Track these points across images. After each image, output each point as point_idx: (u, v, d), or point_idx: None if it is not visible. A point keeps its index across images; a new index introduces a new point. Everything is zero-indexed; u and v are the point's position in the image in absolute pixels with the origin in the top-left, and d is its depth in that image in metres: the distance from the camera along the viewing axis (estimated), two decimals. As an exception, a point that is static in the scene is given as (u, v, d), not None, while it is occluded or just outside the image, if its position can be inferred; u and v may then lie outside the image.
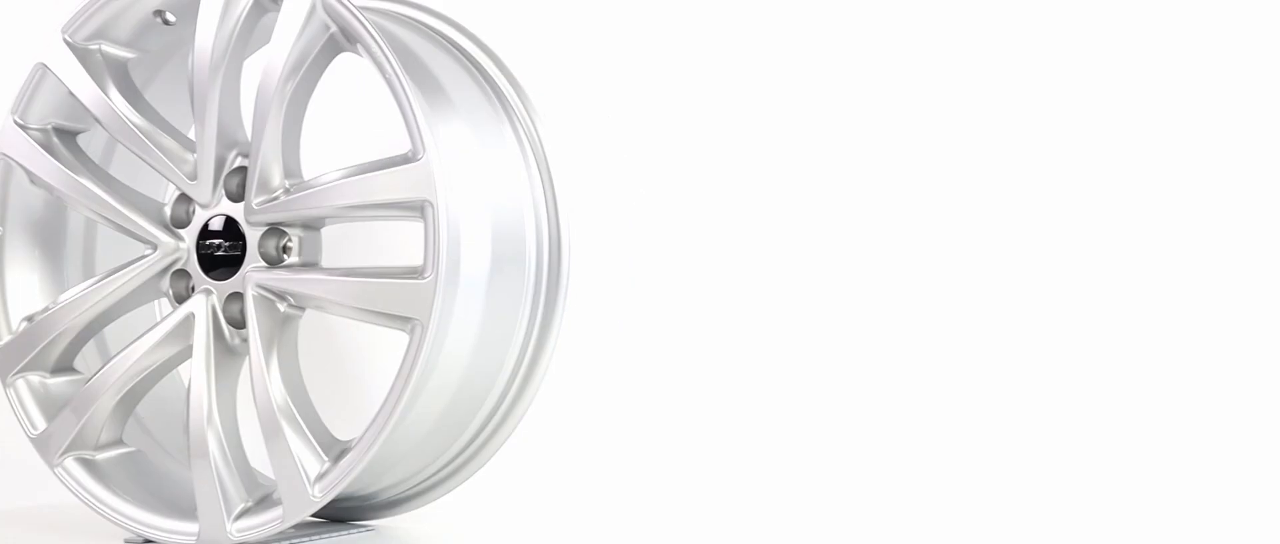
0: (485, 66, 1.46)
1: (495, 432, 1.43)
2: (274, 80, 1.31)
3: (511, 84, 1.45)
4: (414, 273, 1.26)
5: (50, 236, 1.52)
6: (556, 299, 1.41)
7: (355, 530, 1.44)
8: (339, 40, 1.32)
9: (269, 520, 1.32)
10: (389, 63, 1.26)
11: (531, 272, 1.39)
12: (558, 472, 1.71)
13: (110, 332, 1.52)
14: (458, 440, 1.43)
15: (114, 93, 1.42)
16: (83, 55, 1.42)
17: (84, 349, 1.49)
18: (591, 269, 1.50)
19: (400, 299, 1.26)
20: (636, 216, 1.73)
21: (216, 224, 1.38)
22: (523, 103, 1.44)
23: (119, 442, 1.46)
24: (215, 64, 1.35)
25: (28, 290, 1.51)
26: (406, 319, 1.26)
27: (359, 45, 1.31)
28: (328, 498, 1.29)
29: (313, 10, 1.30)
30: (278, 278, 1.34)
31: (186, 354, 1.40)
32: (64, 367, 1.48)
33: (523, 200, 1.40)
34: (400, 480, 1.44)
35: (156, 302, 1.53)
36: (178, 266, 1.41)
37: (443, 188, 1.24)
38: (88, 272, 1.55)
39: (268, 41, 1.46)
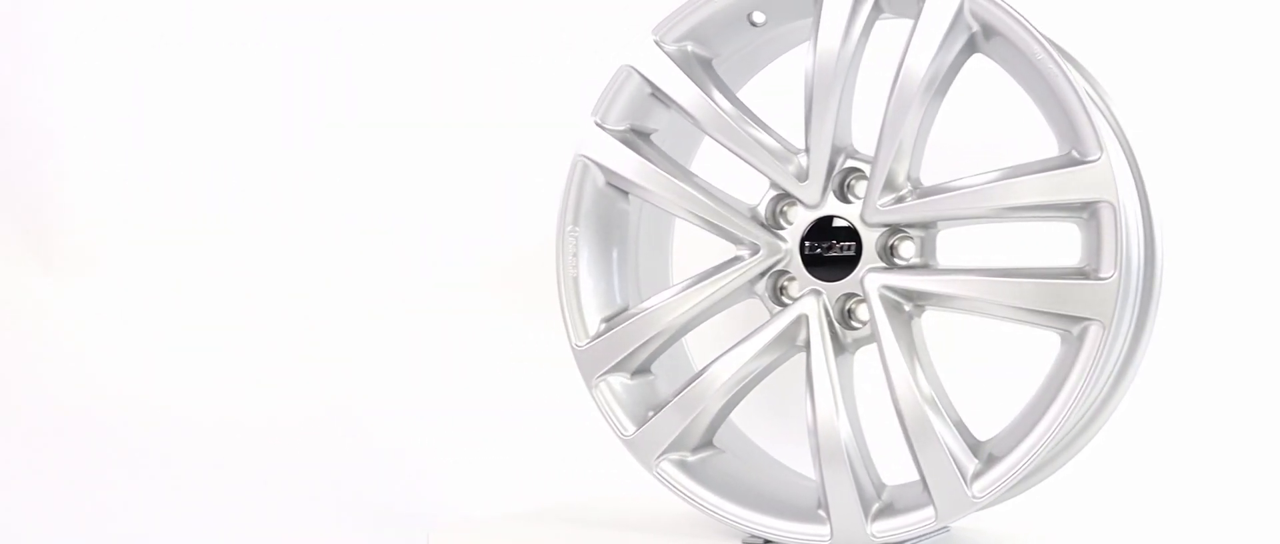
0: None
1: (1079, 434, 1.43)
2: (914, 86, 1.30)
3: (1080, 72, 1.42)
4: (1076, 273, 1.27)
5: (606, 237, 1.52)
6: (1150, 297, 1.39)
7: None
8: (977, 41, 1.32)
9: (918, 521, 1.32)
10: (1057, 65, 1.26)
11: (1133, 267, 1.37)
12: (1138, 476, 1.68)
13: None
14: (1049, 441, 1.43)
15: (716, 94, 1.42)
16: (679, 58, 1.43)
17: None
18: (1181, 264, 1.48)
19: (1079, 300, 1.26)
20: (1221, 209, 1.67)
21: (813, 226, 1.39)
22: (1096, 91, 1.41)
23: (709, 444, 1.46)
24: (838, 70, 1.35)
25: (589, 290, 1.51)
26: (1077, 320, 1.26)
27: (995, 43, 1.30)
28: (989, 499, 1.30)
29: (959, 12, 1.30)
30: (907, 278, 1.34)
31: (788, 357, 1.41)
32: (643, 369, 1.48)
33: (1126, 193, 1.38)
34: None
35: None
36: (777, 268, 1.41)
37: (1123, 188, 1.25)
38: (634, 272, 1.54)
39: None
